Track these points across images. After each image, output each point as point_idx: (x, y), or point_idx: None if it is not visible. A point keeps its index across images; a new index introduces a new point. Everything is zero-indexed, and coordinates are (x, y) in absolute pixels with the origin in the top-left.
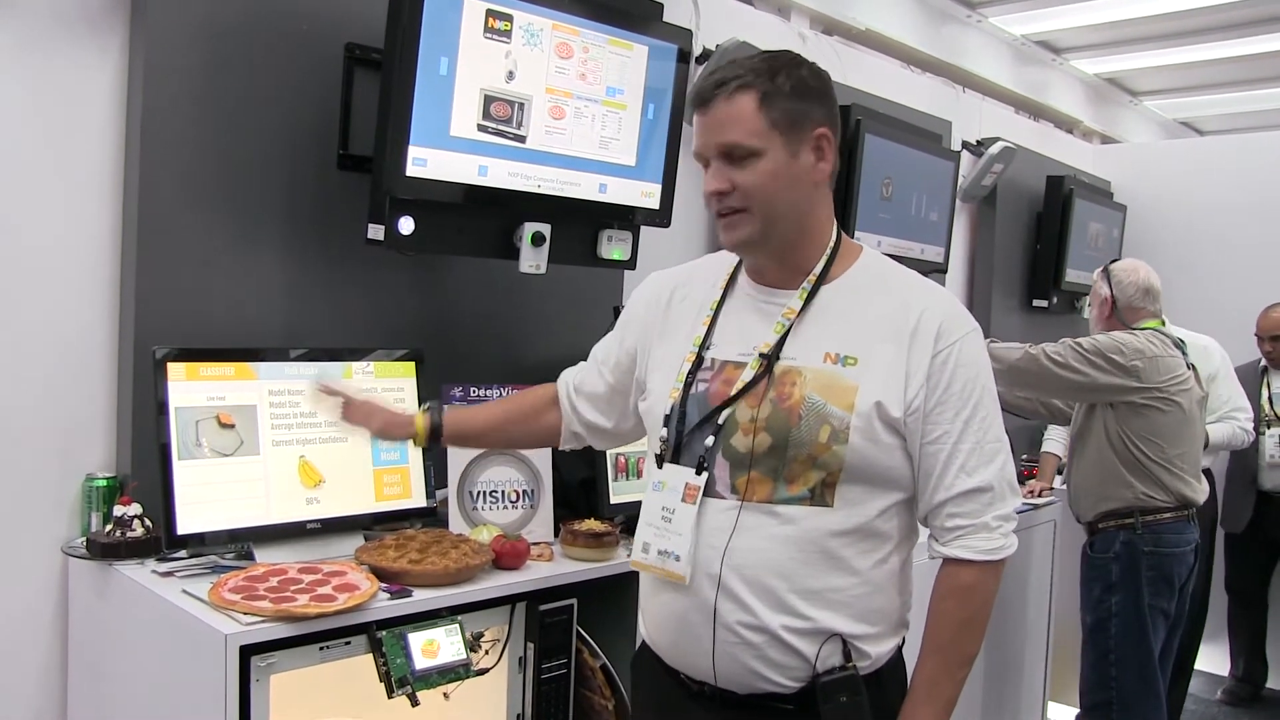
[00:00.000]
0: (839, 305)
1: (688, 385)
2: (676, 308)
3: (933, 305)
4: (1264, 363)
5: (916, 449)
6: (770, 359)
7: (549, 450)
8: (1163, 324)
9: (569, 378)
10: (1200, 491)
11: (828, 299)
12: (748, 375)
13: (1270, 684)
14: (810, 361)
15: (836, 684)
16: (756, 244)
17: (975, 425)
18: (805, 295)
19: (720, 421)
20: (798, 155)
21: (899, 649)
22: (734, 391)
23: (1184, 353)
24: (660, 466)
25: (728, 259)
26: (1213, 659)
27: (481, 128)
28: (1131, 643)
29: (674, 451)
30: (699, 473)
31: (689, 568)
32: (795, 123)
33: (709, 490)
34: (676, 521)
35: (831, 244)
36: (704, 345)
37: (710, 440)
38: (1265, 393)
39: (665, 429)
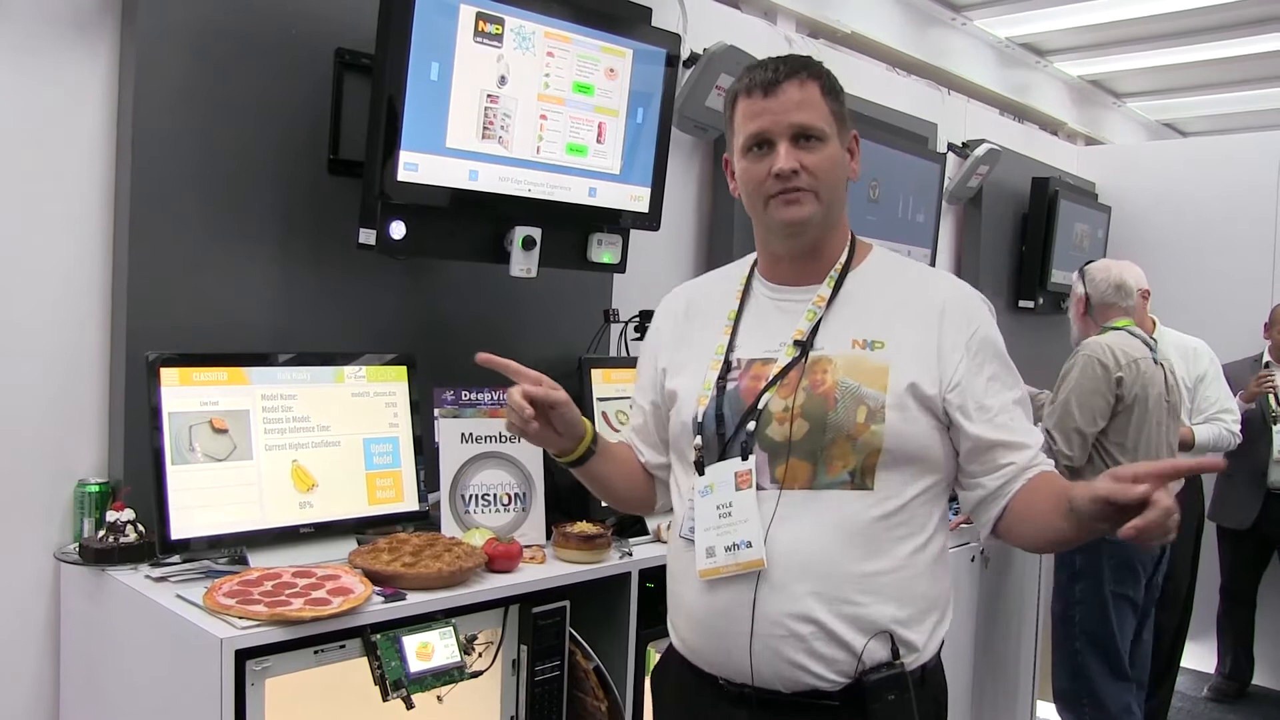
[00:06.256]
0: (862, 294)
1: (719, 390)
2: (695, 319)
3: (953, 288)
4: (1267, 358)
5: (974, 423)
6: (805, 345)
7: (540, 453)
8: (1131, 324)
9: (625, 428)
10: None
11: (852, 288)
12: (782, 362)
13: (1256, 680)
14: (839, 349)
15: (885, 682)
16: (812, 225)
17: (1020, 395)
18: (833, 283)
19: (758, 411)
20: (843, 148)
21: (940, 649)
22: (768, 380)
23: (1152, 349)
24: (701, 473)
25: (739, 269)
26: (1199, 656)
27: (473, 132)
28: (1096, 630)
29: (718, 454)
30: (744, 459)
31: (763, 550)
32: (843, 119)
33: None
34: (737, 511)
35: (850, 239)
36: (729, 349)
37: (751, 426)
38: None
39: (699, 435)
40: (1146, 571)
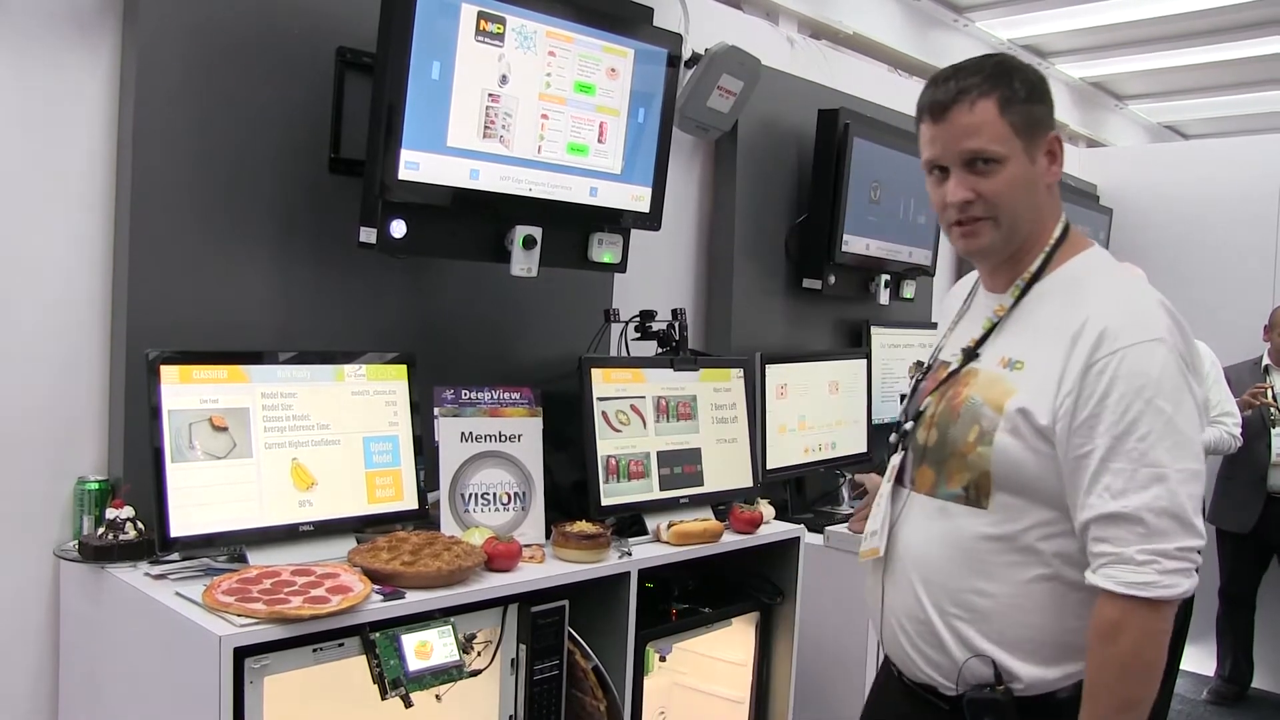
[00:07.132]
0: (1033, 308)
1: (913, 390)
2: (943, 319)
3: (1104, 310)
4: (1266, 361)
5: (1065, 462)
6: (970, 354)
7: (540, 452)
8: None
9: None
10: None
11: (1031, 301)
12: (952, 368)
13: (1256, 684)
14: (989, 364)
15: (983, 704)
16: (993, 251)
17: (1130, 444)
18: (1017, 293)
19: (920, 412)
20: (1035, 160)
21: (1069, 691)
22: (936, 384)
23: None
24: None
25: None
26: (1199, 659)
27: (474, 131)
28: None
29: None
30: (896, 453)
31: (882, 540)
32: (1032, 127)
33: (900, 479)
34: (881, 502)
35: (1050, 245)
36: (937, 350)
37: (909, 426)
38: (1269, 392)
39: (895, 433)
40: None
